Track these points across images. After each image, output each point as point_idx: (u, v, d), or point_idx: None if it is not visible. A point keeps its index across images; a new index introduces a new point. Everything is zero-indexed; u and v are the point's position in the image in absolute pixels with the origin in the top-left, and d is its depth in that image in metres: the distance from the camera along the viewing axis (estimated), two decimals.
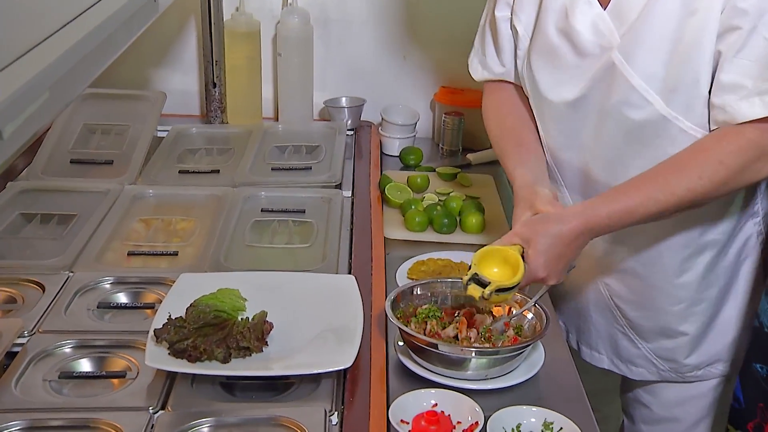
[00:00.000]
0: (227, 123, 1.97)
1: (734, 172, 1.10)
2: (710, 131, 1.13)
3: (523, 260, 1.12)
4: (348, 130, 1.96)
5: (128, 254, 1.41)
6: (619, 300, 1.36)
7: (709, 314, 1.32)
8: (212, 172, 1.72)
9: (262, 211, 1.57)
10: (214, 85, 1.94)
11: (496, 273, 1.14)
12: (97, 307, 1.26)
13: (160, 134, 1.89)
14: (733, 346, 1.35)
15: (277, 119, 2.03)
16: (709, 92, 1.11)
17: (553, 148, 1.29)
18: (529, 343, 1.13)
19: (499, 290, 1.12)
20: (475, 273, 1.13)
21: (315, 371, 1.08)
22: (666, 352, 1.36)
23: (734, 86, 1.09)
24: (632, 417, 1.46)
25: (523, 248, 1.14)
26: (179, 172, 1.72)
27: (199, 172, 1.72)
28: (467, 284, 1.13)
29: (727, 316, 1.33)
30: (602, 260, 1.34)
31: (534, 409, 1.06)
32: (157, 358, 1.09)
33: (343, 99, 2.02)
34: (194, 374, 1.09)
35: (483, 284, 1.12)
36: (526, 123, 1.32)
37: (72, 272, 1.34)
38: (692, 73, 1.11)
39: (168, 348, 1.09)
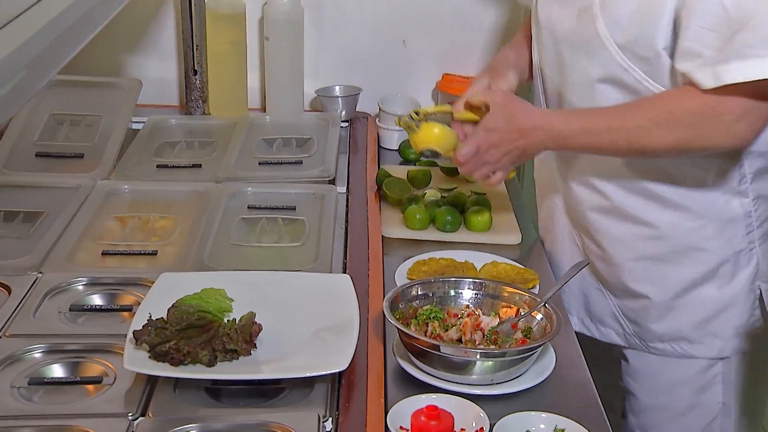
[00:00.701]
0: (209, 114, 2.01)
1: (682, 126, 1.22)
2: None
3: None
4: (342, 121, 1.99)
5: (102, 254, 1.45)
6: (591, 254, 1.47)
7: (679, 284, 1.40)
8: (193, 166, 1.76)
9: (248, 208, 1.60)
10: (195, 73, 1.98)
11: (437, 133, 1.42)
12: (69, 310, 1.30)
13: (135, 126, 1.92)
14: (711, 328, 1.40)
15: (264, 110, 2.06)
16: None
17: (539, 62, 1.46)
18: (538, 345, 1.18)
19: (434, 154, 1.43)
20: (416, 111, 1.44)
21: (308, 374, 1.11)
22: (632, 312, 1.46)
23: (691, 54, 1.20)
24: (624, 410, 1.53)
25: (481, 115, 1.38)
26: (157, 166, 1.76)
27: (179, 167, 1.76)
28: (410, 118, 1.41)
29: (702, 294, 1.40)
30: (576, 209, 1.46)
31: (543, 414, 1.11)
32: (137, 361, 1.12)
33: (337, 88, 2.06)
34: (177, 378, 1.13)
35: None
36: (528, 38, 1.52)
37: (41, 273, 1.38)
38: (649, 30, 1.23)
39: (148, 351, 1.13)
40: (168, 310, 1.18)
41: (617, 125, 1.27)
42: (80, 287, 1.36)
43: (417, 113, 1.45)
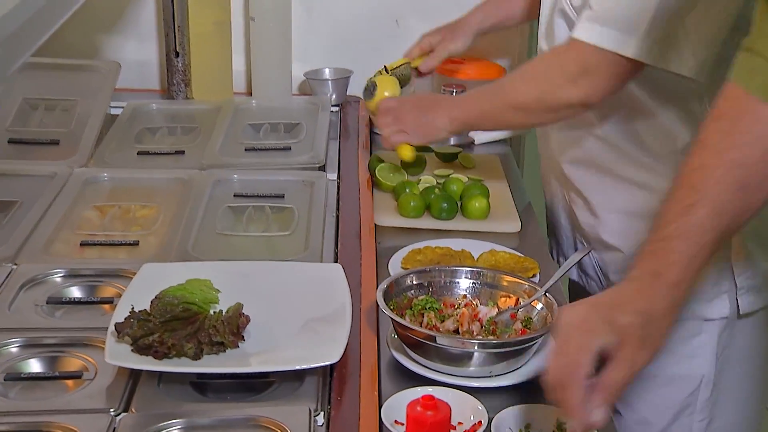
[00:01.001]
0: (192, 98, 2.01)
1: (541, 77, 1.41)
2: None
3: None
4: (332, 105, 2.00)
5: (81, 244, 1.46)
6: (574, 205, 1.57)
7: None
8: (176, 153, 1.77)
9: (235, 196, 1.61)
10: (177, 55, 1.98)
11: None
12: (47, 303, 1.30)
13: (113, 111, 1.93)
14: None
15: (250, 94, 2.07)
16: None
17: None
18: (538, 336, 1.19)
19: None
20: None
21: (298, 367, 1.13)
22: (605, 266, 1.55)
23: (584, 4, 1.35)
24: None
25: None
26: (138, 153, 1.77)
27: (161, 154, 1.77)
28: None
29: None
30: (557, 160, 1.57)
31: (545, 407, 1.11)
32: (119, 355, 1.13)
33: (327, 70, 2.06)
34: (161, 372, 1.14)
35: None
36: None
37: (15, 264, 1.38)
38: None
39: (131, 344, 1.14)
40: (151, 302, 1.19)
41: (497, 85, 1.50)
42: (58, 279, 1.36)
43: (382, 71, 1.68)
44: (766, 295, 1.47)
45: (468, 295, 1.30)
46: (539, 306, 1.26)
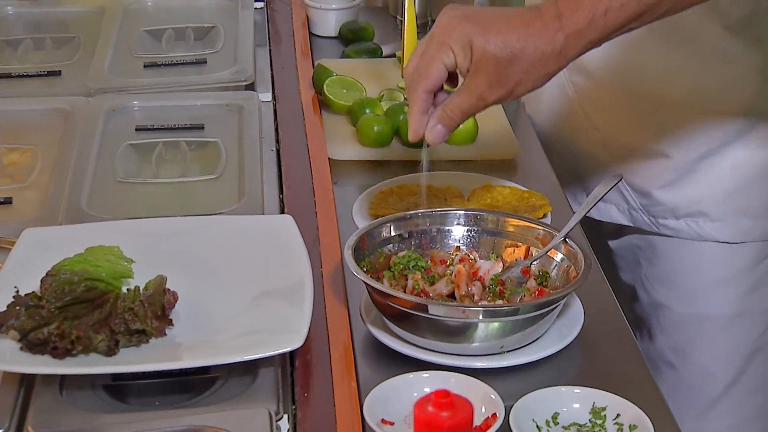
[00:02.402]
0: None
1: None
2: None
3: None
4: (256, 1, 1.98)
5: None
6: (589, 103, 1.58)
7: (705, 142, 1.52)
8: (49, 74, 1.75)
9: (137, 130, 1.60)
10: None
11: None
12: None
13: None
14: (738, 201, 1.53)
15: None
16: None
17: None
18: (561, 296, 1.18)
19: None
20: None
21: (247, 357, 1.11)
22: (639, 178, 1.58)
23: None
24: (646, 329, 1.64)
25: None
26: None
27: (27, 76, 1.75)
28: None
29: (731, 157, 1.52)
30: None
31: (577, 390, 1.11)
32: (3, 356, 1.10)
33: None
34: (64, 375, 1.11)
35: None
36: None
37: None
38: None
39: (19, 340, 1.11)
40: (41, 281, 1.16)
41: None
42: None
43: None
44: None
45: (463, 247, 1.29)
46: (558, 256, 1.25)
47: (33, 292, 1.15)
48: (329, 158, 1.56)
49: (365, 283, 1.19)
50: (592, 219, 1.62)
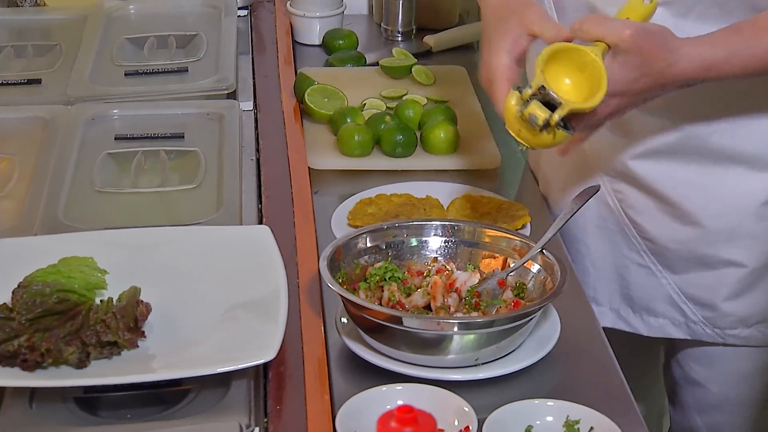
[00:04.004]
0: (45, 5, 1.99)
1: None
2: None
3: None
4: (240, 8, 1.98)
5: None
6: (634, 212, 1.45)
7: None
8: (29, 82, 1.76)
9: (116, 139, 1.60)
10: None
11: (568, 86, 1.19)
12: None
13: None
14: None
15: None
16: None
17: None
18: (537, 308, 1.18)
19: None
20: (543, 86, 1.17)
21: (220, 369, 1.11)
22: (701, 290, 1.45)
23: None
24: (680, 403, 1.56)
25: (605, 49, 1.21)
26: None
27: (7, 84, 1.75)
28: (529, 100, 1.17)
29: None
30: (609, 153, 1.42)
31: (550, 403, 1.11)
32: None
33: None
34: (34, 388, 1.11)
35: (550, 105, 1.17)
36: None
37: None
38: None
39: None
40: (13, 293, 1.17)
41: (750, 51, 1.24)
42: None
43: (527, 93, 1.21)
44: None
45: (440, 258, 1.29)
46: (535, 268, 1.25)
47: (4, 303, 1.16)
48: (310, 167, 1.56)
49: (340, 295, 1.19)
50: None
